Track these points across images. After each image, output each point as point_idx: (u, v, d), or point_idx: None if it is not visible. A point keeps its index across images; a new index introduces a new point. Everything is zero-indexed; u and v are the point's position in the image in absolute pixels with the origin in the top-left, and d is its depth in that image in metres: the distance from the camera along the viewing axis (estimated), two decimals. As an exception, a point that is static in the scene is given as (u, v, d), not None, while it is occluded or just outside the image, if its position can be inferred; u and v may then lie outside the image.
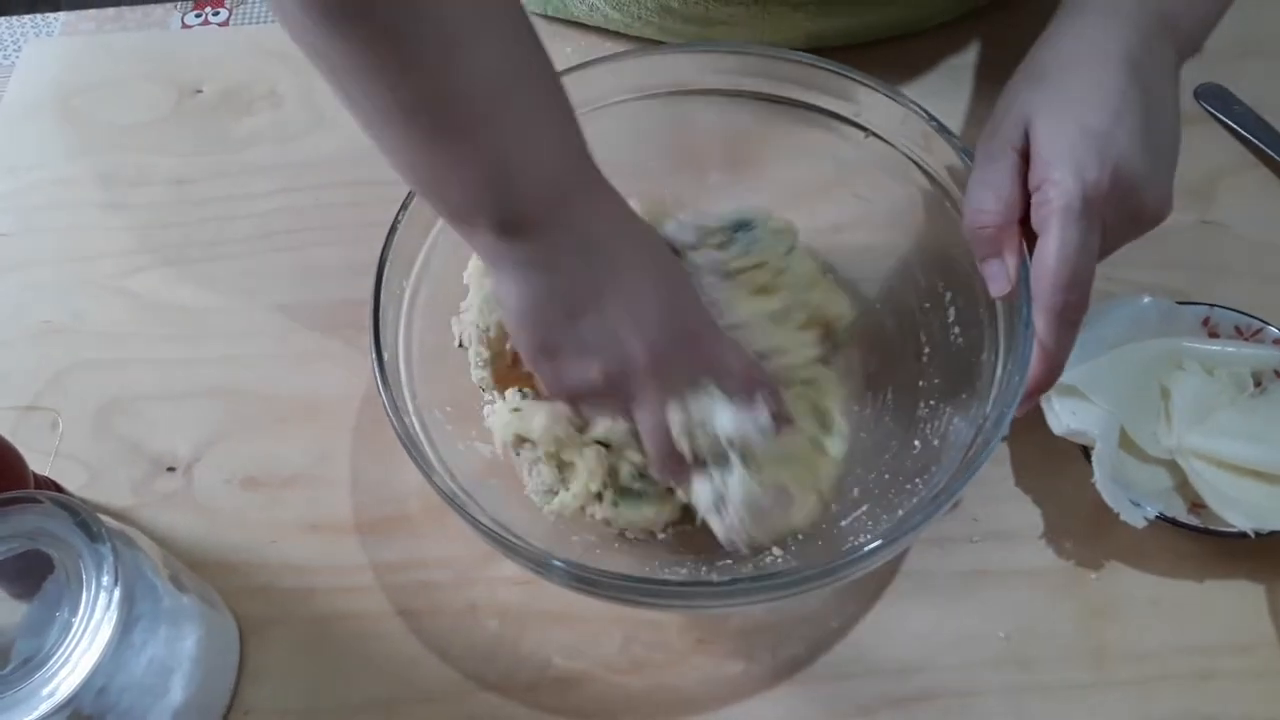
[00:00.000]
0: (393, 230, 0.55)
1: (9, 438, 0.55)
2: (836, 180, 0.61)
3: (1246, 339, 0.59)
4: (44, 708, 0.43)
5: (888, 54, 0.75)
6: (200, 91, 0.80)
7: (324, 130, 0.77)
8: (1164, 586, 0.56)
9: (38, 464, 0.58)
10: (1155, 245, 0.66)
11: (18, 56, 0.83)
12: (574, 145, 0.48)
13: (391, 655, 0.56)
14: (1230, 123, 0.72)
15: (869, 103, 0.58)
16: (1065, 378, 0.56)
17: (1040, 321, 0.49)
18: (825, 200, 0.62)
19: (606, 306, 0.49)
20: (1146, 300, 0.60)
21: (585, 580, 0.47)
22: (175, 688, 0.50)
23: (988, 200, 0.51)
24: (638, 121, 0.61)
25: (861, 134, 0.59)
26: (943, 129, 0.55)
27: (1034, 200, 0.50)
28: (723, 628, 0.56)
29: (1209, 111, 0.73)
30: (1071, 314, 0.50)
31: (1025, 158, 0.51)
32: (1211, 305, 0.60)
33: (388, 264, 0.55)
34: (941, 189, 0.56)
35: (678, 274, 0.53)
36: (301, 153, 0.76)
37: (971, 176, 0.52)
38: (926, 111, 0.56)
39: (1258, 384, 0.58)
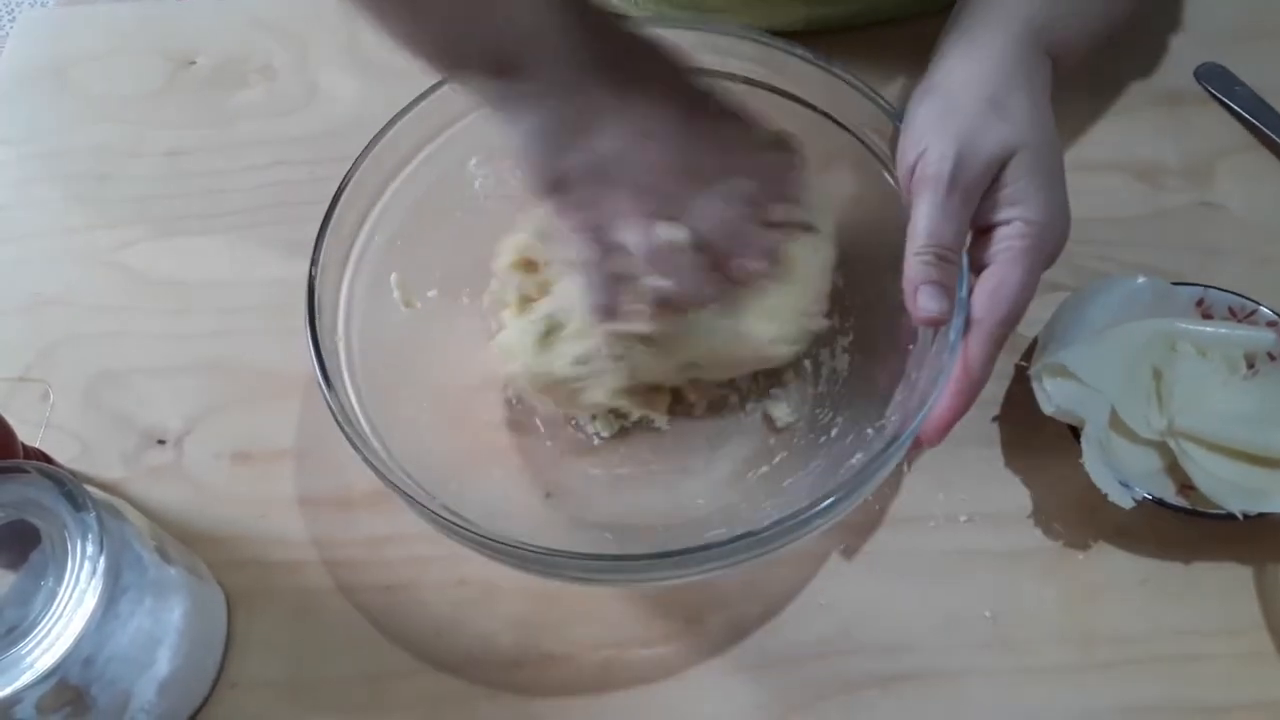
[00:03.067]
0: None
1: (-1, 409, 0.55)
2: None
3: (1240, 321, 0.59)
4: (28, 676, 0.43)
5: (887, 37, 0.74)
6: (194, 64, 0.80)
7: (318, 104, 0.77)
8: (1152, 568, 0.56)
9: (28, 435, 0.59)
10: (1153, 225, 0.67)
11: (12, 26, 0.83)
12: None
13: (379, 629, 0.56)
14: (1231, 103, 0.71)
15: (844, 96, 0.57)
16: (1058, 357, 0.56)
17: (983, 348, 0.50)
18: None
19: (613, 126, 0.49)
20: (1141, 280, 0.59)
21: (504, 551, 0.47)
22: (162, 659, 0.50)
23: (949, 237, 0.50)
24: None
25: (834, 126, 0.58)
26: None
27: (998, 231, 0.51)
28: (707, 606, 0.56)
29: (1210, 92, 0.72)
30: (1002, 345, 0.51)
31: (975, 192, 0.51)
32: (1206, 286, 0.60)
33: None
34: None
35: (688, 88, 0.52)
36: (295, 126, 0.76)
37: (929, 210, 0.50)
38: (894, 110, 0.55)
39: (1250, 366, 0.58)
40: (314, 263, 0.54)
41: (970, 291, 0.50)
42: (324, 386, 0.50)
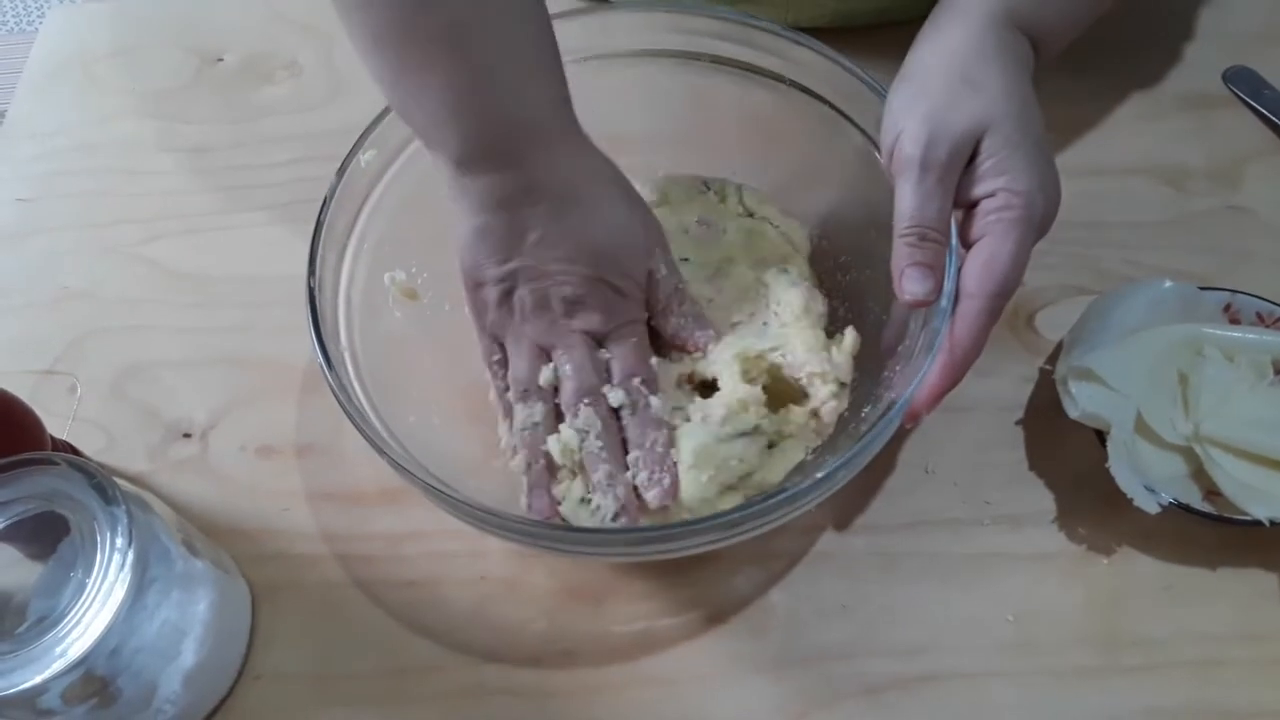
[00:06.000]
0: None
1: (28, 401, 0.55)
2: (817, 161, 0.61)
3: (1268, 326, 0.59)
4: (56, 666, 0.43)
5: (911, 36, 0.74)
6: (221, 60, 0.80)
7: (344, 100, 0.77)
8: (1176, 573, 0.55)
9: (55, 428, 0.59)
10: (1179, 229, 0.67)
11: (41, 22, 0.83)
12: (542, 91, 0.51)
13: (402, 623, 0.57)
14: (1258, 106, 0.71)
15: (854, 92, 0.58)
16: (1083, 361, 0.56)
17: (976, 321, 0.50)
18: (809, 186, 0.62)
19: (535, 251, 0.53)
20: (1168, 285, 0.59)
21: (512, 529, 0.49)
22: (187, 651, 0.50)
23: (930, 216, 0.51)
24: (629, 81, 0.62)
25: (846, 123, 0.59)
26: None
27: (983, 205, 0.51)
28: (728, 605, 0.56)
29: (1237, 95, 0.72)
30: (996, 318, 0.50)
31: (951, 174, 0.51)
32: (1234, 291, 0.59)
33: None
34: None
35: (626, 237, 0.55)
36: (321, 122, 0.76)
37: (908, 192, 0.51)
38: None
39: (1278, 372, 0.58)
40: (311, 274, 0.55)
41: (961, 265, 0.50)
42: (337, 392, 0.51)
